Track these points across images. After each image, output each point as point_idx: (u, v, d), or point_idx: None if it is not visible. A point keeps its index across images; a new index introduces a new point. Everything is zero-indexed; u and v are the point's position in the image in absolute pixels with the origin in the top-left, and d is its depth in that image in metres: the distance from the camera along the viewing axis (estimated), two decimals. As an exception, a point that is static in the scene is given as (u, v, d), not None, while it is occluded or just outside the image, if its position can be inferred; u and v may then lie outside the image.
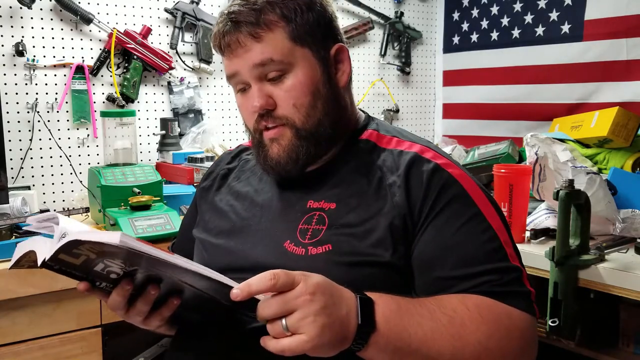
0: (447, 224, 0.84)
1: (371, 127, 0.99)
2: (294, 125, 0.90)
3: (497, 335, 0.77)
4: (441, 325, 0.75)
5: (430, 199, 0.86)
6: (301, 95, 0.89)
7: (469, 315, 0.77)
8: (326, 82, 0.91)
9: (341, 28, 0.98)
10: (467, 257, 0.83)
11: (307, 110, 0.90)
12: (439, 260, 0.83)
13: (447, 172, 0.88)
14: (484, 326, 0.77)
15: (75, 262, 0.67)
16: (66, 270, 0.70)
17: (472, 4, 2.57)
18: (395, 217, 0.85)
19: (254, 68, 0.88)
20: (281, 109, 0.90)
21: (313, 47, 0.90)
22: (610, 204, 1.44)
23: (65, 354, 1.36)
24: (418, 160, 0.89)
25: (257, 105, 0.89)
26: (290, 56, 0.88)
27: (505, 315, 0.79)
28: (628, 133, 1.78)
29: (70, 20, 1.87)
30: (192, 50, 2.12)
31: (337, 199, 0.90)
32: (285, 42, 0.88)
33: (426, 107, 2.80)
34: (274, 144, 0.91)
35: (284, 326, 0.67)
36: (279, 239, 0.90)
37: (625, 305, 1.53)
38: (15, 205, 1.58)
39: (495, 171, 1.46)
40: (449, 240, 0.84)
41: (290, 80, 0.89)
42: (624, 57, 2.05)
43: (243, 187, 1.02)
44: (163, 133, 1.98)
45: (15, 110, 1.80)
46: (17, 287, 1.27)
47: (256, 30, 0.87)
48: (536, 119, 2.34)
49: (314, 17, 0.90)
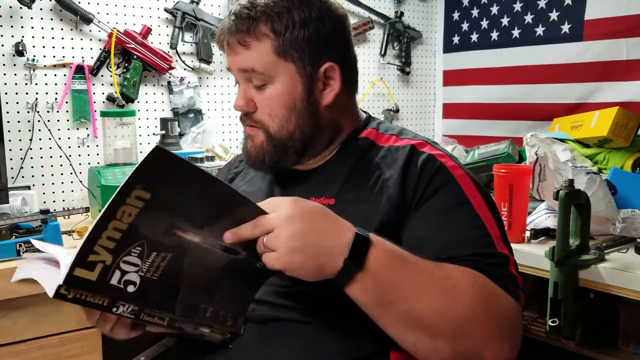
0: (433, 209, 0.87)
1: (371, 126, 1.02)
2: (267, 131, 0.95)
3: (485, 305, 0.77)
4: (435, 280, 0.76)
5: (421, 186, 0.88)
6: (277, 107, 0.93)
7: (462, 279, 0.77)
8: (305, 98, 0.94)
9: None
10: (453, 241, 0.84)
11: (281, 121, 0.94)
12: (425, 243, 0.84)
13: (440, 162, 0.91)
14: (476, 293, 0.77)
15: (91, 277, 0.64)
16: (81, 297, 0.65)
17: (472, 4, 2.57)
18: (390, 209, 0.88)
19: (240, 72, 0.94)
20: (259, 114, 0.95)
21: (298, 62, 0.92)
22: (610, 204, 1.44)
23: (66, 354, 1.36)
24: (414, 152, 0.93)
25: (238, 105, 0.95)
26: (272, 69, 0.92)
27: (493, 291, 0.79)
28: (628, 133, 1.78)
29: (70, 20, 1.87)
30: (192, 50, 2.12)
31: (336, 195, 0.93)
32: (270, 55, 0.91)
33: (426, 107, 2.80)
34: (249, 139, 0.98)
35: (264, 243, 0.72)
36: None
37: (625, 305, 1.53)
38: (15, 205, 1.58)
39: (495, 171, 1.47)
40: (435, 225, 0.86)
41: (270, 91, 0.93)
42: (624, 57, 2.05)
43: (247, 187, 1.06)
44: (163, 133, 1.98)
45: (15, 110, 1.80)
46: (17, 287, 1.27)
47: (245, 38, 0.91)
48: (536, 119, 2.34)
49: (306, 34, 0.91)
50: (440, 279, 0.76)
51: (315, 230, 0.72)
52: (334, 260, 0.72)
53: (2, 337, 1.29)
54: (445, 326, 0.75)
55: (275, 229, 0.71)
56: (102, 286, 0.65)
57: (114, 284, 0.66)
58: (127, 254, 0.65)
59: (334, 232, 0.73)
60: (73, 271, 0.61)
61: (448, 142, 2.58)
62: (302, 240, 0.71)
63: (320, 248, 0.72)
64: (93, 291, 0.65)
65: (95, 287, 0.65)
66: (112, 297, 0.67)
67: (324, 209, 0.75)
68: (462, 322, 0.75)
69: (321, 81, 0.94)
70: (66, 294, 0.63)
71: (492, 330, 0.77)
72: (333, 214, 0.75)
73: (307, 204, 0.74)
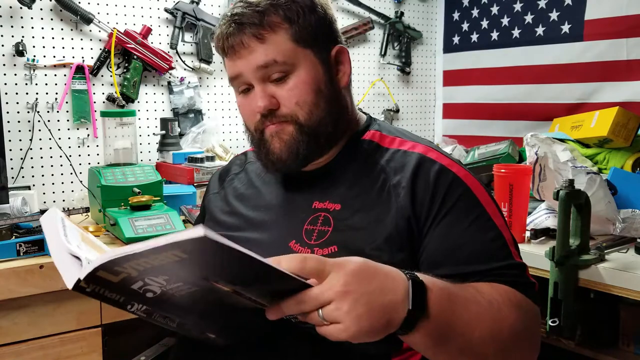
0: (454, 223, 0.86)
1: (373, 128, 1.00)
2: (297, 122, 0.91)
3: (524, 320, 0.80)
4: (483, 309, 0.76)
5: (437, 200, 0.87)
6: (304, 94, 0.90)
7: (502, 301, 0.78)
8: (328, 82, 0.93)
9: (341, 28, 1.00)
10: (474, 255, 0.84)
11: (310, 108, 0.91)
12: (447, 258, 0.85)
13: (453, 172, 0.89)
14: (515, 311, 0.79)
15: (114, 279, 0.62)
16: (99, 292, 0.64)
17: (472, 4, 2.57)
18: (400, 219, 0.87)
19: (258, 70, 0.90)
20: (284, 108, 0.91)
21: (315, 48, 0.92)
22: (610, 204, 1.44)
23: (66, 354, 1.36)
24: (424, 161, 0.91)
25: (262, 106, 0.90)
26: (294, 57, 0.90)
27: (524, 301, 0.82)
28: (628, 133, 1.78)
29: (70, 20, 1.87)
30: (192, 50, 2.12)
31: (342, 200, 0.91)
32: (289, 43, 0.89)
33: (426, 107, 2.80)
34: (275, 139, 0.92)
35: (321, 316, 0.66)
36: (284, 238, 0.91)
37: (625, 305, 1.53)
38: (16, 205, 1.58)
39: (495, 171, 1.46)
40: (456, 240, 0.85)
41: (293, 80, 0.90)
42: (624, 57, 2.05)
43: (247, 189, 1.04)
44: (163, 133, 1.98)
45: (16, 110, 1.80)
46: (17, 287, 1.27)
47: (260, 31, 0.88)
48: (536, 119, 2.34)
49: (315, 20, 0.92)
50: (486, 306, 0.76)
51: (374, 290, 0.67)
52: (398, 313, 0.68)
53: (2, 337, 1.29)
54: (495, 349, 0.76)
55: (333, 302, 0.65)
56: (122, 288, 0.64)
57: (134, 289, 0.65)
58: (153, 276, 0.64)
59: (390, 285, 0.69)
60: (96, 272, 0.60)
61: (448, 142, 2.58)
62: (367, 306, 0.66)
63: (385, 306, 0.67)
64: (112, 289, 0.64)
65: (115, 287, 0.64)
66: (129, 297, 0.67)
67: (367, 263, 0.69)
68: (509, 341, 0.77)
69: (334, 65, 0.95)
70: (85, 287, 0.62)
71: (529, 340, 0.81)
72: (375, 263, 0.70)
73: (352, 265, 0.68)
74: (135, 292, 0.65)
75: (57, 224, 0.75)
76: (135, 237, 1.41)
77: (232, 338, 0.80)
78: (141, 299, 0.67)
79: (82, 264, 0.66)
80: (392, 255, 0.85)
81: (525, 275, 0.87)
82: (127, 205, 1.51)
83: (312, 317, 0.67)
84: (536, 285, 0.87)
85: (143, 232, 1.43)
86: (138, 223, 1.45)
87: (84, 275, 0.60)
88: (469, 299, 0.76)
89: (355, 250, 0.85)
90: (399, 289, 0.68)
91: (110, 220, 1.47)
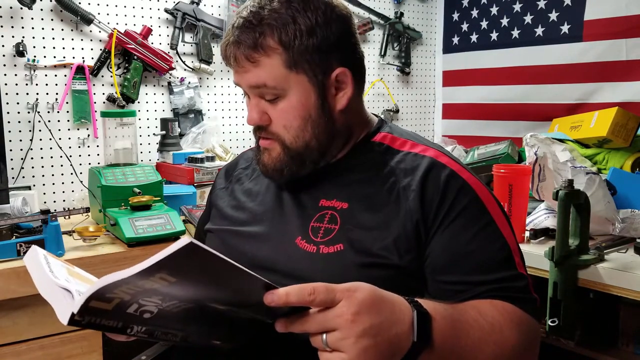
0: (461, 230, 0.86)
1: (384, 130, 1.00)
2: (283, 143, 0.93)
3: (526, 340, 0.81)
4: (485, 333, 0.76)
5: (445, 205, 0.87)
6: (292, 119, 0.91)
7: (504, 322, 0.79)
8: (320, 107, 0.92)
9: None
10: (480, 264, 0.84)
11: (297, 132, 0.92)
12: (453, 266, 0.85)
13: (463, 179, 0.89)
14: (516, 332, 0.79)
15: (107, 307, 0.61)
16: (95, 322, 0.62)
17: (472, 4, 2.57)
18: (408, 222, 0.86)
19: (251, 88, 0.92)
20: (274, 126, 0.93)
21: (309, 72, 0.90)
22: (610, 204, 1.45)
23: (66, 354, 1.36)
24: (434, 165, 0.90)
25: (253, 120, 0.93)
26: (284, 83, 0.89)
27: (525, 320, 0.82)
28: (627, 133, 1.78)
29: (70, 21, 1.88)
30: (192, 50, 2.13)
31: (349, 199, 0.91)
32: (281, 69, 0.88)
33: (426, 107, 2.80)
34: (265, 153, 0.96)
35: (324, 342, 0.65)
36: (291, 235, 0.92)
37: (625, 305, 1.53)
38: (16, 205, 1.58)
39: (495, 171, 1.47)
40: (463, 247, 0.85)
41: (284, 103, 0.91)
42: (624, 58, 2.05)
43: (254, 185, 1.05)
44: (163, 133, 1.98)
45: (16, 111, 1.80)
46: (17, 287, 1.27)
47: (252, 54, 0.88)
48: (536, 119, 2.34)
49: (314, 43, 0.88)
50: (488, 330, 0.77)
51: (382, 323, 0.65)
52: (403, 345, 0.67)
53: (2, 337, 1.29)
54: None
55: (339, 330, 0.64)
56: (118, 314, 0.63)
57: (130, 312, 0.64)
58: (147, 297, 0.63)
59: (397, 316, 0.67)
60: (89, 303, 0.59)
61: (448, 142, 2.58)
62: (374, 339, 0.64)
63: (391, 338, 0.66)
64: (108, 317, 0.63)
65: (111, 314, 0.63)
66: (126, 321, 0.65)
67: (376, 292, 0.67)
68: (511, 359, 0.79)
69: (333, 86, 0.93)
70: (80, 320, 0.61)
71: (529, 357, 0.83)
72: (382, 291, 0.68)
73: (362, 293, 0.66)
74: (132, 315, 0.64)
75: (41, 261, 0.74)
76: (135, 237, 1.41)
77: (238, 342, 0.80)
78: (139, 321, 0.66)
79: (74, 296, 0.65)
80: (400, 256, 0.85)
81: (528, 290, 0.86)
82: (127, 205, 1.51)
83: (315, 340, 0.66)
84: (538, 301, 0.87)
85: (143, 232, 1.43)
86: (138, 223, 1.45)
87: (77, 308, 0.58)
88: (471, 324, 0.76)
89: (362, 249, 0.86)
90: (405, 320, 0.68)
91: (111, 221, 1.47)
